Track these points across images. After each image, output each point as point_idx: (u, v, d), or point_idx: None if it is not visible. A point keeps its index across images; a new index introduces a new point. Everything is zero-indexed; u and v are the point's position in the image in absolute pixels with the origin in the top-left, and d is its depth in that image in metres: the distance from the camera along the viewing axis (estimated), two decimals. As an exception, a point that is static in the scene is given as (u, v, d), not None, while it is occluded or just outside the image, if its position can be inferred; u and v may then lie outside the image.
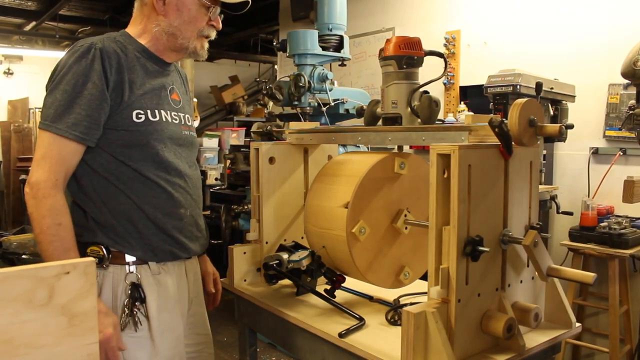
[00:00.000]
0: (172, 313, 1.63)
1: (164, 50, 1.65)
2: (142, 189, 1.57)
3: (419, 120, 1.57)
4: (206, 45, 1.68)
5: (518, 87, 2.71)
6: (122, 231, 1.56)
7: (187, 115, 1.73)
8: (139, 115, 1.55)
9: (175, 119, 1.65)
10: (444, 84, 4.24)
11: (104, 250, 1.53)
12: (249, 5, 1.66)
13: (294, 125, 1.92)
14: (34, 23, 7.44)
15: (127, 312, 1.52)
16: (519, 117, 1.26)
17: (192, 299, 1.75)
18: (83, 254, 1.51)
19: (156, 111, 1.59)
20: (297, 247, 1.76)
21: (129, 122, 1.54)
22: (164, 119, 1.60)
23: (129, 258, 1.56)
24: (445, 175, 1.21)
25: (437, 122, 1.56)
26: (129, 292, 1.54)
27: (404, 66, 1.57)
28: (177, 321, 1.65)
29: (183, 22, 1.59)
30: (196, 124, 5.67)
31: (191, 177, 1.70)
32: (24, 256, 4.01)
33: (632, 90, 2.65)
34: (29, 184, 1.45)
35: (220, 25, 1.68)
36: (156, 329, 1.56)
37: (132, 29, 1.66)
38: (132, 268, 1.56)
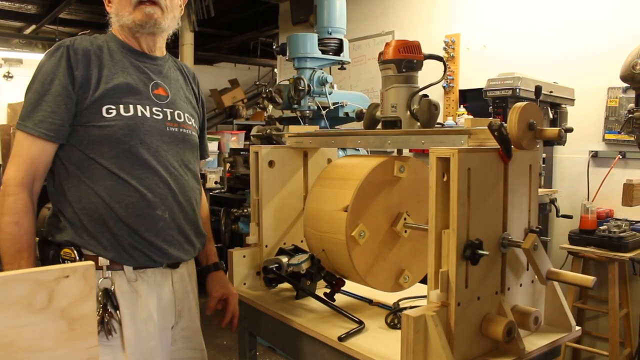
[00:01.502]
0: (148, 324, 1.53)
1: (131, 40, 1.62)
2: (114, 187, 1.50)
3: (419, 123, 1.57)
4: (148, 10, 1.55)
5: (517, 90, 2.72)
6: (93, 231, 1.49)
7: (178, 112, 1.64)
8: (110, 111, 1.50)
9: (158, 115, 1.57)
10: (444, 87, 4.25)
11: (75, 252, 1.48)
12: None
13: (293, 128, 1.92)
14: (33, 26, 7.44)
15: (98, 318, 1.45)
16: (519, 121, 1.26)
17: (181, 311, 1.65)
18: (56, 256, 1.49)
19: (131, 106, 1.52)
20: (297, 250, 1.76)
21: (99, 118, 1.49)
22: (139, 114, 1.53)
23: (103, 262, 1.49)
24: (445, 179, 1.21)
25: (436, 125, 1.56)
26: (100, 298, 1.46)
27: (404, 70, 1.57)
28: (153, 333, 1.55)
29: (117, 5, 1.58)
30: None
31: (178, 177, 1.60)
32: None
33: (632, 94, 2.65)
34: (1, 182, 1.46)
35: None
36: (129, 339, 1.49)
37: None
38: (107, 273, 1.49)
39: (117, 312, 1.48)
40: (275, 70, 6.92)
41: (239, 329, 1.92)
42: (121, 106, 1.51)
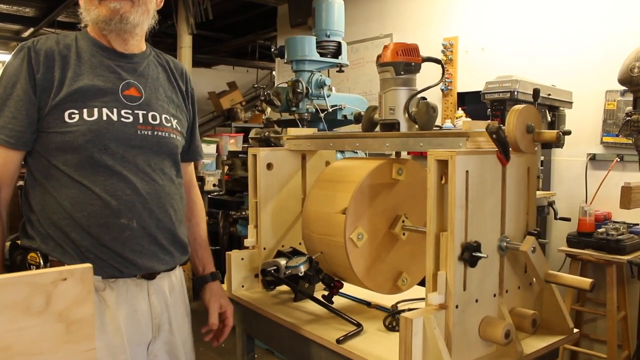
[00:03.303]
0: (115, 336, 1.43)
1: (102, 38, 1.52)
2: (77, 195, 1.42)
3: (417, 126, 1.57)
4: (114, 5, 1.44)
5: (515, 93, 2.72)
6: (58, 240, 1.42)
7: (153, 113, 1.52)
8: (72, 115, 1.41)
9: (127, 117, 1.47)
10: (442, 90, 4.25)
11: (39, 257, 1.41)
12: None
13: (291, 131, 1.92)
14: (31, 30, 7.45)
15: None
16: (517, 123, 1.26)
17: (160, 325, 1.54)
18: (23, 256, 1.44)
19: (95, 109, 1.42)
20: (295, 253, 1.76)
21: (61, 123, 1.41)
22: (104, 118, 1.43)
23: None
24: (443, 181, 1.22)
25: (434, 128, 1.56)
26: None
27: (402, 72, 1.57)
28: (122, 347, 1.44)
29: (83, 2, 1.50)
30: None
31: (146, 184, 1.48)
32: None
33: (629, 97, 2.66)
34: None
35: None
36: (97, 350, 1.43)
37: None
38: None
39: None
40: (274, 72, 6.93)
41: (237, 332, 1.92)
42: (85, 110, 1.42)
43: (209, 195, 5.42)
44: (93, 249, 1.42)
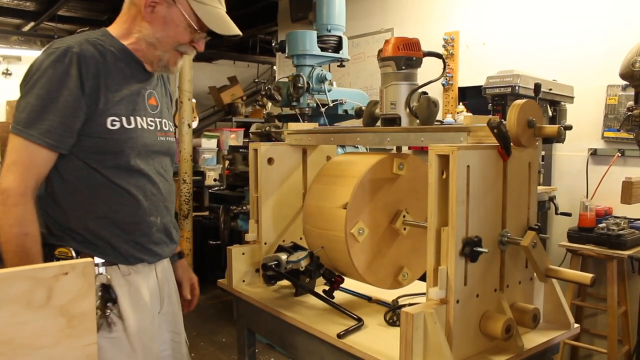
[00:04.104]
0: (145, 313, 1.59)
1: (139, 53, 1.58)
2: (112, 196, 1.52)
3: (418, 121, 1.57)
4: (180, 62, 1.63)
5: (517, 88, 2.72)
6: (89, 238, 1.51)
7: (164, 120, 1.67)
8: (114, 123, 1.49)
9: (151, 125, 1.60)
10: (443, 84, 4.24)
11: (72, 252, 1.49)
12: (239, 36, 1.62)
13: (292, 126, 1.92)
14: (32, 24, 7.42)
15: (99, 313, 1.47)
16: (518, 118, 1.26)
17: (164, 298, 1.71)
18: (50, 256, 1.48)
19: (131, 118, 1.53)
20: (296, 247, 1.76)
21: (103, 130, 1.48)
22: (139, 126, 1.55)
23: (98, 259, 1.51)
24: (444, 176, 1.22)
25: (435, 122, 1.56)
26: (100, 293, 1.48)
27: (403, 67, 1.57)
28: (151, 320, 1.61)
29: (166, 36, 1.54)
30: (195, 124, 5.66)
31: (164, 185, 1.65)
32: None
33: (631, 92, 2.65)
34: None
35: (203, 49, 1.62)
36: (131, 329, 1.53)
37: (116, 28, 1.58)
38: (102, 269, 1.51)
39: (116, 305, 1.51)
40: (275, 67, 6.92)
41: (238, 326, 1.92)
42: (124, 118, 1.51)
43: (210, 190, 5.42)
44: (124, 244, 1.54)
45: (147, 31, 1.54)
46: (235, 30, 1.60)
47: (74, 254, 1.49)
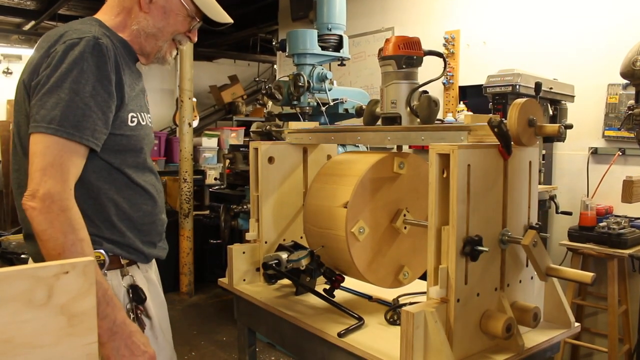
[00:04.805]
0: (162, 308, 1.62)
1: (135, 45, 1.52)
2: (133, 196, 1.48)
3: (418, 120, 1.57)
4: (174, 53, 1.60)
5: (517, 87, 2.72)
6: (110, 237, 1.45)
7: (150, 116, 1.63)
8: (133, 119, 1.45)
9: (150, 122, 1.58)
10: (443, 83, 4.24)
11: (105, 255, 1.42)
12: (229, 24, 1.62)
13: (293, 124, 1.92)
14: (33, 22, 7.43)
15: (132, 316, 1.44)
16: (518, 117, 1.26)
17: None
18: None
19: (142, 114, 1.50)
20: (296, 246, 1.76)
21: (124, 126, 1.42)
22: (147, 123, 1.54)
23: (124, 260, 1.49)
24: (445, 175, 1.21)
25: (436, 121, 1.56)
26: (131, 295, 1.46)
27: (404, 66, 1.57)
28: (166, 314, 1.64)
29: (167, 25, 1.50)
30: (195, 123, 5.66)
31: (159, 178, 1.65)
32: (22, 256, 4.00)
33: (631, 90, 2.65)
34: (37, 198, 1.24)
35: (196, 39, 1.62)
36: (156, 326, 1.55)
37: (108, 19, 1.49)
38: (127, 270, 1.49)
39: (144, 305, 1.50)
40: (275, 66, 6.91)
41: (239, 325, 1.92)
42: (139, 114, 1.48)
43: (210, 189, 5.42)
44: (142, 243, 1.53)
45: (147, 22, 1.49)
46: (228, 19, 1.61)
47: (106, 257, 1.42)
